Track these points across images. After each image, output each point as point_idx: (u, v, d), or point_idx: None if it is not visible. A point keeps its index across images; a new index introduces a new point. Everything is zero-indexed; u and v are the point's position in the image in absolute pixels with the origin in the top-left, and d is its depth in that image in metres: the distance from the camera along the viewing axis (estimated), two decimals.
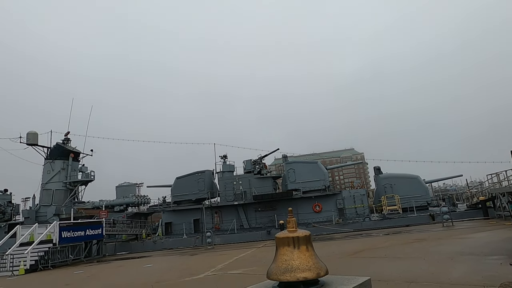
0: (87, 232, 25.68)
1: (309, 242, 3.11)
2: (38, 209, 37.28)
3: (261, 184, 33.92)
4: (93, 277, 15.40)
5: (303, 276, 2.86)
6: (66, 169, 38.75)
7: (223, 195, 34.28)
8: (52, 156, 38.90)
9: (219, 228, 33.26)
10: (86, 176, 39.70)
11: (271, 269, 3.04)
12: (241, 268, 12.50)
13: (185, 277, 11.95)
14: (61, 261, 22.61)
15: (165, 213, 36.19)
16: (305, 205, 32.04)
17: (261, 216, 33.49)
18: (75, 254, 24.02)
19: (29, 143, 38.48)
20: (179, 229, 33.93)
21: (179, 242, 30.46)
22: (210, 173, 36.69)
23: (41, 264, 21.04)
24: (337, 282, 3.05)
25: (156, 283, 11.33)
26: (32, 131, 39.02)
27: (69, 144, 40.23)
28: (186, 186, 35.64)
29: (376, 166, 35.52)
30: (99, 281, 13.75)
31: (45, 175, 38.50)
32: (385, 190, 32.13)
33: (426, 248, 13.06)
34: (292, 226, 3.21)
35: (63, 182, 38.33)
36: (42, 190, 38.23)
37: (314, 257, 3.01)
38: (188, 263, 17.84)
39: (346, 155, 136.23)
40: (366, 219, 29.81)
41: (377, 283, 7.24)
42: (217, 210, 34.46)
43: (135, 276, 14.11)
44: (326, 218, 31.35)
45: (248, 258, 16.28)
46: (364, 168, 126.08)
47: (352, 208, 32.03)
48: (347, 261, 11.72)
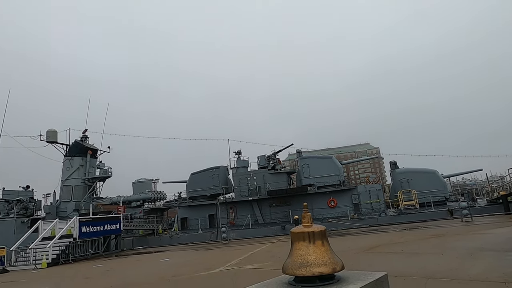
0: (105, 227, 26.27)
1: (324, 237, 3.10)
2: (58, 204, 38.34)
3: (275, 180, 33.93)
4: (112, 271, 15.78)
5: (318, 271, 2.86)
6: (84, 165, 39.66)
7: (238, 190, 34.46)
8: (71, 153, 39.86)
9: (234, 224, 33.51)
10: (104, 172, 40.55)
11: (286, 264, 3.05)
12: (256, 263, 12.57)
13: (201, 271, 12.10)
14: (81, 255, 23.26)
15: (181, 208, 36.67)
16: (319, 200, 31.89)
17: (275, 211, 33.54)
18: (94, 249, 24.66)
19: (49, 141, 39.50)
20: (194, 224, 34.35)
21: (195, 237, 30.85)
22: (225, 169, 36.91)
23: (62, 258, 21.68)
24: (354, 277, 3.04)
25: (173, 277, 11.52)
26: (52, 129, 40.03)
27: (87, 141, 41.12)
28: (201, 182, 35.98)
29: (392, 161, 34.99)
30: (118, 275, 14.09)
31: (65, 171, 39.52)
32: (401, 185, 31.65)
33: (444, 243, 12.83)
34: (307, 221, 3.20)
35: (81, 179, 39.28)
36: (62, 186, 39.27)
37: (330, 252, 3.01)
38: (203, 257, 18.07)
39: (361, 149, 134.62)
40: (382, 214, 29.46)
41: (394, 278, 7.16)
42: (231, 205, 34.69)
43: (153, 270, 14.38)
44: (341, 213, 31.15)
45: (263, 253, 16.35)
46: (380, 162, 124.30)
47: (367, 203, 31.70)
48: (363, 257, 11.62)
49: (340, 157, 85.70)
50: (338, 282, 2.93)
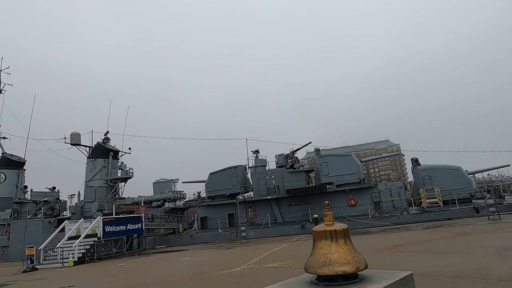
0: (128, 226, 26.88)
1: (347, 236, 3.07)
2: (83, 205, 39.52)
3: (294, 178, 33.77)
4: (135, 269, 16.15)
5: (341, 270, 2.83)
6: (106, 167, 40.72)
7: (256, 189, 34.51)
8: (94, 155, 41.01)
9: (253, 222, 33.59)
10: (125, 173, 41.50)
11: (308, 263, 3.04)
12: (276, 262, 12.57)
13: (221, 270, 12.21)
14: (105, 254, 23.90)
15: (200, 208, 37.08)
16: (339, 198, 31.52)
17: (294, 210, 33.40)
18: (118, 247, 25.28)
19: (73, 143, 40.77)
20: (214, 223, 34.66)
21: (215, 236, 31.13)
22: (243, 168, 37.03)
23: (88, 257, 22.35)
24: (378, 276, 2.99)
25: (194, 275, 11.68)
26: (75, 132, 41.29)
27: (108, 143, 42.20)
28: (220, 181, 36.23)
29: (414, 158, 34.17)
30: (141, 273, 14.40)
31: (88, 173, 40.70)
32: (424, 182, 30.87)
33: (470, 242, 12.44)
34: (329, 219, 3.18)
35: (104, 180, 40.35)
36: (86, 187, 40.47)
37: (353, 251, 2.97)
38: (224, 256, 18.20)
39: (381, 147, 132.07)
40: (404, 212, 28.83)
41: (419, 278, 6.99)
42: (250, 204, 34.79)
43: (175, 269, 14.63)
44: (361, 211, 30.69)
45: (283, 252, 16.32)
46: (401, 160, 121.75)
47: (388, 201, 31.10)
48: (385, 256, 11.42)
49: (359, 155, 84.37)
50: (362, 281, 2.89)
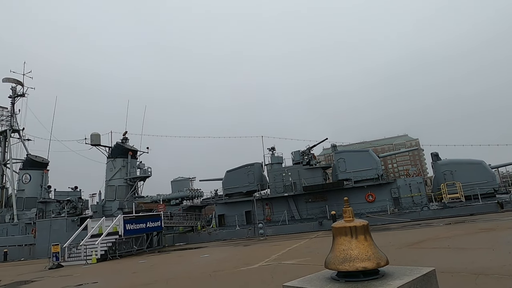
0: (147, 224, 27.41)
1: (367, 232, 3.06)
2: (104, 203, 40.53)
3: (310, 175, 33.59)
4: (156, 266, 16.47)
5: (362, 266, 2.83)
6: (126, 166, 41.59)
7: (273, 187, 34.52)
8: (113, 154, 41.96)
9: (270, 220, 33.64)
10: (144, 172, 42.29)
11: (329, 259, 3.05)
12: (295, 259, 12.58)
13: (240, 267, 12.31)
14: (127, 251, 24.47)
15: (218, 205, 37.39)
16: (357, 195, 31.16)
17: (312, 207, 33.25)
18: (138, 245, 25.84)
19: (93, 144, 41.84)
20: (231, 221, 34.91)
21: (233, 233, 31.37)
22: (259, 166, 37.09)
23: (110, 254, 22.94)
24: (399, 272, 2.98)
25: (213, 272, 11.82)
26: (95, 132, 42.36)
27: (127, 143, 43.08)
28: (237, 179, 36.42)
29: (434, 152, 33.39)
30: (161, 270, 14.69)
31: (108, 172, 41.70)
32: (444, 177, 30.13)
33: (494, 238, 12.10)
34: (349, 215, 3.18)
35: (124, 179, 41.24)
36: (106, 186, 41.48)
37: (374, 247, 2.96)
38: (242, 253, 18.33)
39: (399, 142, 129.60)
40: (425, 208, 28.25)
41: (441, 274, 6.87)
42: (267, 202, 34.84)
43: (194, 266, 14.84)
44: (380, 208, 30.27)
45: (301, 249, 16.31)
46: (420, 154, 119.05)
47: (408, 197, 30.53)
48: (406, 252, 11.25)
49: (377, 150, 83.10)
50: (383, 277, 2.89)
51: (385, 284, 2.69)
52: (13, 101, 47.08)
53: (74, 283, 13.07)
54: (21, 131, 47.30)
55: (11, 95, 47.00)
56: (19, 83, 47.06)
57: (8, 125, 46.51)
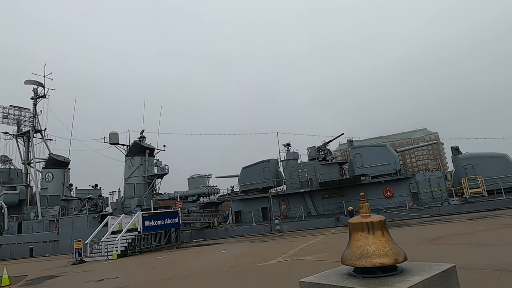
0: (166, 221, 27.84)
1: (384, 228, 3.02)
2: (123, 201, 41.45)
3: (326, 171, 33.34)
4: (174, 262, 16.77)
5: (379, 262, 2.80)
6: (143, 164, 42.35)
7: (289, 183, 34.46)
8: (131, 153, 42.78)
9: (287, 216, 33.63)
10: (161, 170, 42.96)
11: (345, 255, 3.03)
12: (312, 255, 12.55)
13: (257, 263, 12.38)
14: (146, 247, 24.98)
15: (234, 202, 37.63)
16: (374, 190, 30.74)
17: (328, 203, 33.03)
18: (157, 241, 26.33)
19: (112, 143, 42.78)
20: (248, 217, 35.08)
21: (249, 229, 31.53)
22: (275, 162, 37.07)
23: (130, 250, 23.47)
24: (418, 268, 2.93)
25: (231, 268, 11.93)
26: (113, 131, 43.27)
27: (144, 141, 43.82)
28: (252, 175, 36.52)
29: (454, 146, 32.54)
30: (180, 266, 14.94)
31: (127, 170, 42.56)
32: (465, 172, 29.33)
33: None
34: (366, 211, 3.14)
35: (142, 176, 42.00)
36: (125, 184, 42.37)
37: (391, 243, 2.93)
38: (259, 249, 18.41)
39: (418, 136, 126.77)
40: (445, 203, 27.61)
41: (462, 271, 6.72)
42: (283, 198, 34.82)
43: (212, 261, 15.02)
44: (398, 203, 29.79)
45: (318, 245, 16.25)
46: (439, 148, 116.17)
47: (427, 192, 29.90)
48: (425, 248, 11.05)
49: (394, 145, 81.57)
50: (402, 274, 2.85)
51: (404, 280, 2.66)
52: (35, 103, 48.59)
53: (96, 278, 13.46)
54: (43, 131, 48.81)
55: (33, 96, 48.50)
56: (40, 85, 48.49)
57: (31, 126, 48.08)
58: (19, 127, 48.67)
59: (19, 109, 48.80)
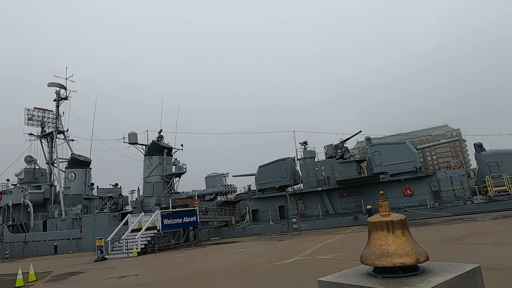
0: (184, 219, 28.22)
1: (405, 226, 2.95)
2: (142, 200, 42.22)
3: (344, 169, 32.95)
4: (193, 260, 16.96)
5: (400, 262, 2.73)
6: (162, 163, 42.99)
7: (306, 181, 34.26)
8: (150, 152, 43.50)
9: (304, 214, 33.44)
10: (179, 169, 43.51)
11: (364, 254, 2.98)
12: (330, 254, 12.44)
13: (275, 261, 12.37)
14: (165, 245, 25.38)
15: (251, 200, 37.72)
16: (394, 188, 30.15)
17: (346, 201, 32.65)
18: (175, 239, 26.71)
19: (131, 142, 43.63)
20: (265, 215, 35.10)
21: (266, 228, 31.54)
22: (292, 160, 36.91)
23: (149, 248, 23.90)
24: (440, 268, 2.85)
25: (249, 266, 11.97)
26: (132, 131, 44.11)
27: (162, 141, 44.47)
28: (269, 174, 36.49)
29: (477, 143, 31.50)
30: (198, 263, 15.10)
31: (146, 169, 43.32)
32: (490, 169, 28.37)
33: None
34: (385, 210, 3.08)
35: (160, 175, 42.66)
36: (144, 183, 43.14)
37: (412, 242, 2.86)
38: (276, 248, 18.40)
39: (439, 132, 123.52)
40: (468, 202, 26.80)
41: (487, 271, 6.51)
42: (301, 196, 34.65)
43: (229, 260, 15.11)
44: (419, 202, 29.13)
45: (336, 244, 16.09)
46: (462, 145, 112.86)
47: (449, 190, 29.11)
48: (447, 248, 10.76)
49: (414, 142, 79.79)
50: (423, 274, 2.77)
51: (425, 280, 2.58)
52: (57, 104, 50.13)
53: (117, 275, 13.77)
54: (66, 132, 50.31)
55: (56, 98, 50.04)
56: (63, 87, 49.97)
57: (54, 127, 49.63)
58: (43, 129, 50.32)
59: (42, 111, 50.46)
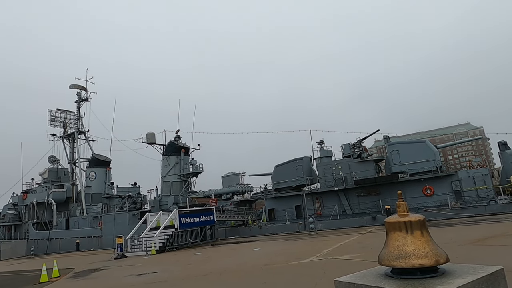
0: (201, 218, 28.47)
1: (424, 227, 2.90)
2: (160, 199, 42.90)
3: (362, 168, 32.49)
4: (210, 258, 17.12)
5: (419, 263, 2.69)
6: (179, 163, 43.58)
7: (323, 181, 33.97)
8: (167, 152, 44.16)
9: (321, 214, 33.19)
10: (196, 168, 43.97)
11: (382, 255, 2.94)
12: (347, 254, 12.31)
13: (291, 261, 12.34)
14: (182, 243, 25.70)
15: (268, 200, 37.72)
16: (413, 188, 29.52)
17: (364, 201, 32.19)
18: (193, 238, 27.00)
19: (149, 142, 44.42)
20: (281, 215, 35.03)
21: (283, 227, 31.46)
22: (308, 160, 36.69)
23: (167, 246, 24.26)
24: (461, 270, 2.78)
25: (265, 265, 11.99)
26: (150, 132, 44.90)
27: (179, 141, 45.06)
28: (285, 173, 36.38)
29: (501, 141, 30.47)
30: (215, 262, 15.23)
31: (163, 169, 44.01)
32: None
33: None
34: (403, 210, 3.03)
35: (178, 175, 43.25)
36: (162, 182, 43.84)
37: (431, 243, 2.80)
38: (293, 247, 18.34)
39: (461, 131, 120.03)
40: (491, 202, 25.95)
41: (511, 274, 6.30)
42: (317, 196, 34.40)
43: (246, 259, 15.17)
44: (439, 202, 28.41)
45: (353, 244, 15.90)
46: (485, 144, 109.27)
47: (471, 190, 28.26)
48: (469, 249, 10.47)
49: (434, 141, 77.88)
50: (443, 276, 2.72)
51: (445, 282, 2.53)
52: (78, 106, 51.55)
53: (136, 272, 14.06)
54: (86, 133, 51.67)
55: (77, 100, 51.48)
56: (83, 89, 51.34)
57: (75, 128, 51.07)
58: (65, 129, 51.85)
59: (64, 112, 52.01)
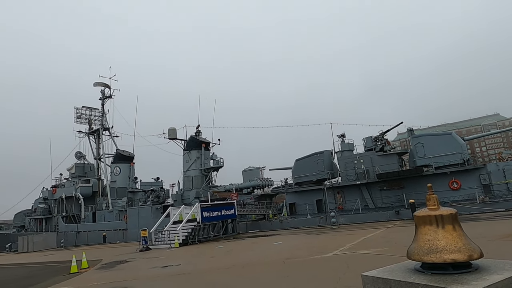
0: (222, 212, 28.79)
1: (455, 221, 2.80)
2: (182, 193, 43.63)
3: (384, 162, 31.82)
4: (232, 252, 17.30)
5: (451, 258, 2.60)
6: (200, 157, 44.10)
7: (344, 174, 33.54)
8: (188, 147, 44.76)
9: (343, 208, 32.83)
10: (217, 163, 44.37)
11: (411, 249, 2.86)
12: (371, 248, 12.13)
13: (314, 255, 12.29)
14: (205, 237, 26.10)
15: (288, 194, 37.64)
16: (438, 182, 28.62)
17: (387, 195, 31.57)
18: (215, 231, 27.37)
19: (170, 138, 45.15)
20: (302, 209, 34.90)
21: (304, 221, 31.37)
22: (329, 153, 36.27)
23: (190, 239, 24.71)
24: (496, 266, 2.67)
25: (287, 259, 11.99)
26: (172, 127, 45.59)
27: (200, 135, 45.56)
28: (306, 167, 36.14)
29: None
30: (237, 255, 15.38)
31: (185, 164, 44.67)
32: None
33: None
34: (434, 203, 2.94)
35: (199, 169, 43.79)
36: (184, 177, 44.53)
37: (464, 238, 2.70)
38: (315, 242, 18.25)
39: (489, 122, 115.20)
40: None
41: None
42: (339, 190, 34.02)
43: (268, 252, 15.23)
44: (467, 196, 27.48)
45: (377, 238, 15.65)
46: None
47: (501, 184, 27.15)
48: (500, 245, 10.09)
49: (461, 133, 75.29)
50: (477, 271, 2.62)
51: (480, 278, 2.43)
52: (103, 103, 53.04)
53: (161, 265, 14.41)
54: (111, 129, 53.12)
55: (101, 97, 52.94)
56: (107, 86, 52.72)
57: (100, 124, 52.61)
58: (90, 126, 53.55)
59: (90, 109, 53.64)
